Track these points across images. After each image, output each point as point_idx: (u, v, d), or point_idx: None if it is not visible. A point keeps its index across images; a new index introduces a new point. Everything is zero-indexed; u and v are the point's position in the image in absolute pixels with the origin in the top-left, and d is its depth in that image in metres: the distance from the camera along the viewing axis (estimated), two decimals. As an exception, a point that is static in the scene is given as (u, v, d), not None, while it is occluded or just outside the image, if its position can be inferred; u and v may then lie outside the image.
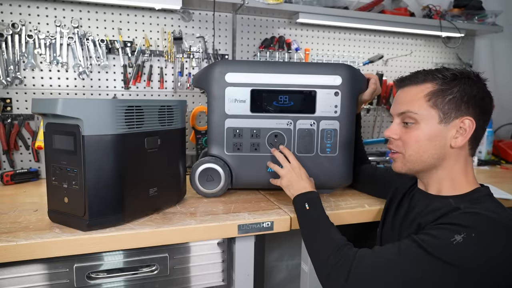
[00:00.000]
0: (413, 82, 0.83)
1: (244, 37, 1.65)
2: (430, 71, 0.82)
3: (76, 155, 0.83)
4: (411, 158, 0.83)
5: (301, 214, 0.93)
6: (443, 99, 0.78)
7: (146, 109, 0.92)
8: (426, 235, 0.71)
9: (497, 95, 2.25)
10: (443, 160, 0.81)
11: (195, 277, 0.98)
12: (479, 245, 0.66)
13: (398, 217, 0.90)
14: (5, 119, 1.36)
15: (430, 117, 0.79)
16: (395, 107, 0.86)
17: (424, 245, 0.68)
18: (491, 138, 1.89)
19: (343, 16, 1.62)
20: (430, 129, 0.80)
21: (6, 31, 1.33)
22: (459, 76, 0.79)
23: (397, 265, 0.70)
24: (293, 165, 1.05)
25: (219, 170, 1.11)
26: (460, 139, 0.79)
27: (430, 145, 0.80)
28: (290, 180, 1.02)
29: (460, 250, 0.66)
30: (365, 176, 1.20)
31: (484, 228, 0.68)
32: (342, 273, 0.73)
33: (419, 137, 0.80)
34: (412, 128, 0.81)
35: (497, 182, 1.45)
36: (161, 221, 0.93)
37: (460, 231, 0.67)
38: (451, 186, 0.82)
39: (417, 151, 0.81)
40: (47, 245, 0.81)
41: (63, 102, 0.80)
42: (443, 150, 0.80)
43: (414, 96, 0.81)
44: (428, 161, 0.81)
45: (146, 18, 1.50)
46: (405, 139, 0.83)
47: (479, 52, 2.10)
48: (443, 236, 0.68)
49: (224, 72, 1.10)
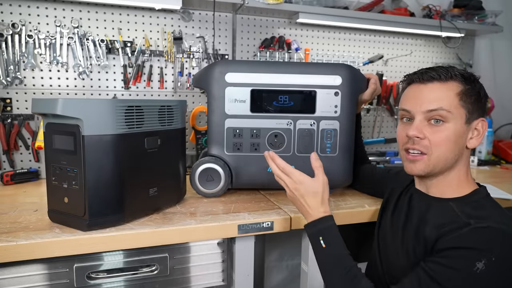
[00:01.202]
0: (438, 78, 0.78)
1: (244, 37, 1.65)
2: (448, 69, 0.79)
3: (76, 155, 0.83)
4: (437, 159, 0.78)
5: (317, 249, 0.84)
6: (470, 99, 0.77)
7: (146, 109, 0.92)
8: (444, 268, 0.67)
9: (497, 95, 2.26)
10: (458, 161, 0.80)
11: (195, 277, 0.98)
12: (501, 268, 0.65)
13: (398, 218, 0.88)
14: (5, 119, 1.36)
15: (459, 116, 0.77)
16: (420, 104, 0.79)
17: (445, 282, 0.66)
18: (491, 138, 1.88)
19: (343, 16, 1.62)
20: (458, 129, 0.77)
21: (6, 31, 1.32)
22: (471, 76, 0.79)
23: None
24: (295, 178, 0.88)
25: (219, 170, 1.11)
26: (475, 140, 0.79)
27: (456, 145, 0.78)
28: (294, 200, 0.90)
29: (485, 278, 0.64)
30: (365, 176, 1.20)
31: (501, 248, 0.66)
32: None
33: (449, 137, 0.77)
34: (442, 127, 0.77)
35: (497, 182, 1.45)
36: (161, 221, 0.93)
37: (480, 257, 0.65)
38: (455, 187, 0.81)
39: (445, 151, 0.78)
40: (47, 245, 0.81)
41: (63, 102, 0.80)
42: (462, 150, 0.79)
43: (444, 93, 0.77)
44: (450, 162, 0.79)
45: (146, 18, 1.50)
46: (433, 139, 0.78)
47: (479, 52, 2.10)
48: (464, 267, 0.66)
49: (224, 72, 1.10)
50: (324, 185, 0.88)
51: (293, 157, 1.14)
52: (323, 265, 0.82)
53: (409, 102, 0.82)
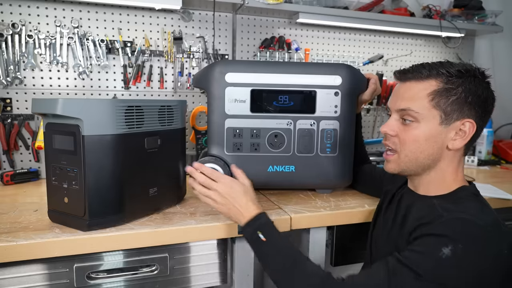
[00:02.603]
0: (416, 77, 0.78)
1: (244, 37, 1.65)
2: (434, 66, 0.77)
3: (76, 155, 0.83)
4: (406, 159, 0.80)
5: (259, 249, 0.82)
6: (446, 99, 0.75)
7: (146, 109, 0.92)
8: (412, 252, 0.68)
9: (497, 95, 2.24)
10: (437, 162, 0.79)
11: (195, 277, 0.98)
12: (466, 257, 0.65)
13: (388, 218, 0.89)
14: (5, 119, 1.36)
15: (431, 117, 0.76)
16: (394, 102, 0.82)
17: (414, 267, 0.66)
18: (491, 138, 1.88)
19: (343, 16, 1.62)
20: (430, 129, 0.76)
21: (6, 31, 1.32)
22: (464, 73, 0.76)
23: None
24: (225, 181, 0.89)
25: (219, 170, 1.11)
26: (459, 142, 0.77)
27: (428, 145, 0.77)
28: (224, 210, 0.88)
29: (449, 265, 0.64)
30: (364, 176, 1.20)
31: (470, 238, 0.66)
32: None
33: (417, 137, 0.77)
34: (411, 127, 0.78)
35: (497, 182, 1.45)
36: (161, 221, 0.93)
37: (448, 243, 0.65)
38: (440, 186, 0.80)
39: (414, 151, 0.78)
40: (47, 245, 0.81)
41: (63, 102, 0.80)
42: (440, 151, 0.78)
43: (416, 94, 0.77)
44: (423, 162, 0.79)
45: (146, 18, 1.50)
46: (402, 137, 0.79)
47: (479, 52, 2.10)
48: (429, 251, 0.66)
49: (224, 72, 1.10)
50: (250, 186, 0.92)
51: (293, 157, 1.14)
52: (267, 260, 0.80)
53: (390, 99, 0.85)
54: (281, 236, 0.82)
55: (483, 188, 1.30)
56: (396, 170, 0.83)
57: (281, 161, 1.14)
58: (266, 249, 0.81)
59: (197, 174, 0.92)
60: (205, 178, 0.91)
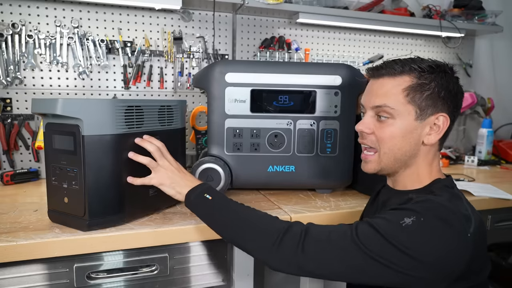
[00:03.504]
0: (389, 73, 0.78)
1: (244, 37, 1.65)
2: (407, 62, 0.77)
3: (76, 155, 0.83)
4: (385, 156, 0.79)
5: (207, 211, 0.82)
6: (421, 94, 0.75)
7: (146, 109, 0.92)
8: (377, 218, 0.70)
9: (497, 95, 2.26)
10: (414, 158, 0.79)
11: (195, 277, 0.98)
12: (427, 229, 0.65)
13: (368, 215, 0.90)
14: (5, 119, 1.36)
15: (406, 113, 0.76)
16: (368, 99, 0.81)
17: (375, 226, 0.67)
18: (491, 138, 1.88)
19: (343, 16, 1.62)
20: (406, 125, 0.77)
21: (6, 31, 1.32)
22: (435, 68, 0.76)
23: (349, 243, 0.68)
24: (168, 157, 0.90)
25: (219, 170, 1.11)
26: (434, 136, 0.77)
27: (405, 142, 0.77)
28: (172, 177, 0.87)
29: (407, 233, 0.65)
30: (364, 176, 1.20)
31: (432, 214, 0.67)
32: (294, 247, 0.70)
33: (394, 133, 0.77)
34: (387, 123, 0.78)
35: (497, 182, 1.45)
36: (161, 221, 0.93)
37: (411, 215, 0.67)
38: (415, 181, 0.81)
39: (392, 148, 0.78)
40: (47, 245, 0.81)
41: (63, 102, 0.80)
42: (416, 147, 0.78)
43: (390, 90, 0.77)
44: (401, 159, 0.79)
45: (146, 18, 1.50)
46: (379, 134, 0.79)
47: (479, 52, 2.10)
48: (393, 218, 0.68)
49: (224, 72, 1.10)
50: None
51: (293, 157, 1.14)
52: (216, 219, 0.81)
53: (364, 96, 0.84)
54: (227, 197, 0.83)
55: (483, 188, 1.30)
56: (376, 170, 0.82)
57: (281, 161, 1.14)
58: (214, 208, 0.81)
59: (149, 144, 0.89)
60: (155, 148, 0.89)
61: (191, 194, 0.84)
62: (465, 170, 1.72)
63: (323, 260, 0.69)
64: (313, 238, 0.70)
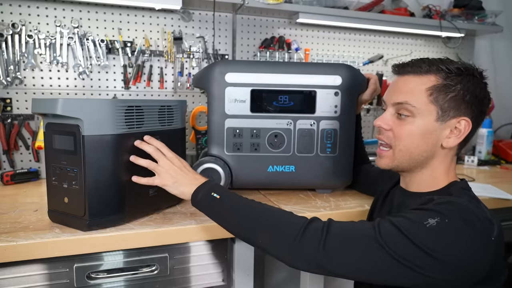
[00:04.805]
0: (415, 71, 0.77)
1: (244, 37, 1.65)
2: (435, 62, 0.76)
3: (76, 155, 0.83)
4: (400, 153, 0.79)
5: (216, 209, 0.79)
6: (445, 95, 0.74)
7: (146, 109, 0.92)
8: (399, 217, 0.68)
9: (497, 95, 2.26)
10: (430, 159, 0.78)
11: (195, 277, 0.98)
12: (452, 231, 0.64)
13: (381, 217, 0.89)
14: (5, 119, 1.36)
15: (428, 112, 0.75)
16: (391, 95, 0.80)
17: (398, 225, 0.66)
18: (491, 138, 1.88)
19: (343, 16, 1.62)
20: (426, 125, 0.76)
21: (6, 31, 1.32)
22: (463, 71, 0.75)
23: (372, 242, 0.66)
24: (170, 156, 0.88)
25: (219, 170, 1.11)
26: (453, 140, 0.76)
27: (422, 141, 0.77)
28: (174, 176, 0.85)
29: (431, 235, 0.64)
30: (364, 176, 1.20)
31: (457, 215, 0.65)
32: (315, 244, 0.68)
33: (412, 132, 0.76)
34: (407, 121, 0.77)
35: (497, 182, 1.45)
36: (161, 221, 0.93)
37: (435, 216, 0.65)
38: (431, 183, 0.80)
39: (408, 146, 0.77)
40: (47, 245, 0.81)
41: (63, 102, 0.80)
42: (434, 148, 0.77)
43: (414, 88, 0.76)
44: (416, 158, 0.78)
45: (146, 18, 1.50)
46: (397, 131, 0.78)
47: (479, 52, 2.10)
48: (416, 219, 0.66)
49: (224, 72, 1.10)
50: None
51: (293, 157, 1.14)
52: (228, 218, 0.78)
53: (386, 92, 0.83)
54: (235, 193, 0.80)
55: (483, 188, 1.30)
56: (389, 166, 0.82)
57: (281, 161, 1.14)
58: (223, 207, 0.78)
59: (147, 146, 0.88)
60: (154, 149, 0.88)
61: (197, 193, 0.82)
62: (465, 170, 1.72)
63: (345, 258, 0.67)
64: (335, 236, 0.68)
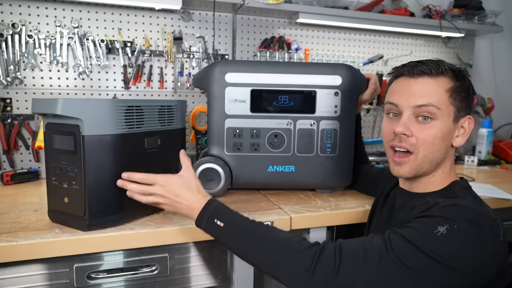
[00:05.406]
0: (429, 73, 0.75)
1: (244, 37, 1.65)
2: (439, 63, 0.76)
3: (76, 155, 0.83)
4: (425, 159, 0.76)
5: (221, 236, 0.76)
6: (459, 96, 0.75)
7: (146, 109, 0.92)
8: (408, 228, 0.67)
9: (497, 95, 2.26)
10: (444, 160, 0.78)
11: (195, 277, 0.98)
12: (462, 236, 0.64)
13: (382, 218, 0.89)
14: (5, 119, 1.36)
15: (448, 114, 0.75)
16: (408, 98, 0.76)
17: (408, 238, 0.65)
18: (491, 138, 1.88)
19: (343, 16, 1.62)
20: (446, 127, 0.75)
21: (6, 31, 1.32)
22: (462, 71, 0.77)
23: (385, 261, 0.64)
24: (161, 182, 0.81)
25: (219, 170, 1.11)
26: (461, 138, 0.77)
27: (443, 144, 0.76)
28: (170, 206, 0.82)
29: (444, 243, 0.63)
30: (364, 176, 1.20)
31: (465, 219, 0.65)
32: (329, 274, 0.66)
33: (436, 135, 0.74)
34: (430, 125, 0.75)
35: (497, 182, 1.45)
36: (161, 221, 0.93)
37: (444, 223, 0.64)
38: (436, 183, 0.80)
39: (432, 151, 0.75)
40: (47, 245, 0.81)
41: (63, 102, 0.80)
42: (448, 148, 0.78)
43: (434, 89, 0.74)
44: (436, 161, 0.77)
45: (146, 18, 1.50)
46: (421, 136, 0.75)
47: (479, 52, 2.10)
48: (426, 229, 0.65)
49: (224, 72, 1.10)
50: (193, 175, 0.84)
51: (293, 157, 1.14)
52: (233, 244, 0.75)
53: (397, 96, 0.78)
54: (239, 216, 0.77)
55: (483, 188, 1.30)
56: (412, 173, 0.78)
57: (281, 161, 1.14)
58: (228, 234, 0.75)
59: (130, 185, 0.83)
60: (139, 186, 0.83)
61: (200, 221, 0.78)
62: (465, 170, 1.72)
63: (359, 281, 0.65)
64: (348, 261, 0.66)
